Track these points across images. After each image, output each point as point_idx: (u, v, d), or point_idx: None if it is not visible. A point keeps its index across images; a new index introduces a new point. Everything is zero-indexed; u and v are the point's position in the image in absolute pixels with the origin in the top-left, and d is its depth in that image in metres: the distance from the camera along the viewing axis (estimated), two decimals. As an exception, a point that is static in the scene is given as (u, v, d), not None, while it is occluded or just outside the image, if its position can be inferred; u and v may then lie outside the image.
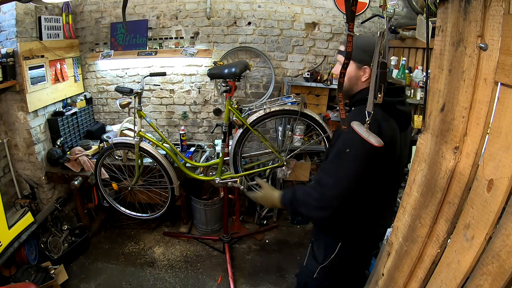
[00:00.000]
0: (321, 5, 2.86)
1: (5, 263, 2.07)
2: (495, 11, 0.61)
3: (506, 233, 0.59)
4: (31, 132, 2.49)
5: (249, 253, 2.78)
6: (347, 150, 1.17)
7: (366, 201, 1.26)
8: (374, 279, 1.17)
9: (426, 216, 0.85)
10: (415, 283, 0.89)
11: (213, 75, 2.20)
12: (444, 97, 0.78)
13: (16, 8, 2.25)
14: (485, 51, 0.64)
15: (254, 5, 2.87)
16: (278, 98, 2.10)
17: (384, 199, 1.35)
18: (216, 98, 3.12)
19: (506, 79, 0.59)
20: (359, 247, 1.40)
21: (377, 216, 1.36)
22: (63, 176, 2.63)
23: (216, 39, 2.96)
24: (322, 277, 1.42)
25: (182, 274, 2.52)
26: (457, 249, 0.72)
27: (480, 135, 0.67)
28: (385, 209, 1.40)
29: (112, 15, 2.94)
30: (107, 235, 2.97)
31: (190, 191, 2.96)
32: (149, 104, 3.18)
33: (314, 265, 1.43)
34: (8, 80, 2.27)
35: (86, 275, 2.47)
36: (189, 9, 2.89)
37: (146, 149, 2.26)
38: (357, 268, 1.52)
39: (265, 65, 3.02)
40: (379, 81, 0.91)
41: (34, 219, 2.30)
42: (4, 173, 2.49)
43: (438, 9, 0.78)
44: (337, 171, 1.19)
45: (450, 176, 0.75)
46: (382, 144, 0.93)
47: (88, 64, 3.09)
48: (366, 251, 1.48)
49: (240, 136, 2.10)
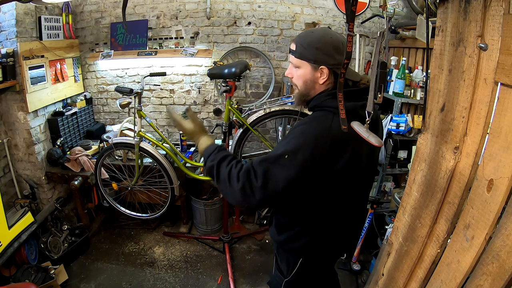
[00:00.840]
0: (321, 5, 2.86)
1: (5, 263, 2.07)
2: (495, 11, 0.61)
3: (506, 233, 0.59)
4: (31, 132, 2.49)
5: (249, 253, 2.78)
6: (286, 156, 1.02)
7: (321, 213, 1.17)
8: (374, 279, 1.17)
9: (426, 216, 0.85)
10: (415, 283, 0.89)
11: (213, 75, 2.20)
12: (444, 97, 0.78)
13: (16, 8, 2.25)
14: (485, 51, 0.64)
15: (254, 5, 2.87)
16: (278, 98, 2.10)
17: (342, 213, 1.22)
18: (216, 98, 3.12)
19: (506, 79, 0.59)
20: (320, 263, 1.35)
21: (336, 233, 1.25)
22: (63, 176, 2.63)
23: (216, 39, 2.96)
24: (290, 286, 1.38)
25: (182, 274, 2.52)
26: (457, 249, 0.72)
27: (480, 135, 0.67)
28: (345, 225, 1.26)
29: (112, 15, 2.94)
30: (107, 235, 2.97)
31: (190, 191, 2.96)
32: (149, 104, 3.18)
33: (279, 278, 1.39)
34: (8, 80, 2.27)
35: (86, 275, 2.47)
36: (189, 9, 2.89)
37: (146, 149, 2.26)
38: (322, 283, 1.46)
39: (265, 65, 3.02)
40: (379, 81, 0.91)
41: (34, 219, 2.30)
42: (4, 173, 2.49)
43: (438, 9, 0.78)
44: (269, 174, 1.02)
45: (450, 176, 0.75)
46: (382, 144, 0.93)
47: (88, 64, 3.09)
48: (328, 267, 1.45)
49: (240, 136, 2.10)
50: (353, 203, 1.24)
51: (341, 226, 1.25)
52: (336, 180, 1.08)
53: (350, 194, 1.18)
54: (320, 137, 1.01)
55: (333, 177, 1.07)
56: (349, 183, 1.13)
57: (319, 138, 1.01)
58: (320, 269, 1.38)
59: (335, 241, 1.27)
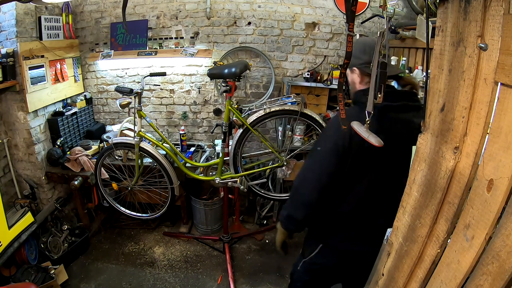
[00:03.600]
0: (321, 5, 2.86)
1: (5, 263, 2.07)
2: (495, 11, 0.61)
3: (506, 233, 0.59)
4: (31, 132, 2.49)
5: (249, 253, 2.78)
6: (318, 148, 1.25)
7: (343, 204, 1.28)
8: (374, 279, 1.16)
9: (426, 216, 0.85)
10: (415, 283, 0.89)
11: (213, 75, 2.20)
12: (444, 97, 0.78)
13: (16, 8, 2.25)
14: (485, 51, 0.64)
15: (254, 5, 2.87)
16: (278, 98, 2.10)
17: (364, 210, 1.28)
18: (216, 98, 3.12)
19: (506, 79, 0.58)
20: (338, 257, 1.38)
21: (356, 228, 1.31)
22: (63, 176, 2.63)
23: (216, 39, 2.96)
24: (303, 271, 1.49)
25: (182, 274, 2.52)
26: (457, 249, 0.72)
27: (480, 135, 0.67)
28: (367, 222, 1.30)
29: (112, 15, 2.94)
30: (107, 235, 2.97)
31: (190, 191, 2.96)
32: (149, 104, 3.18)
33: (300, 258, 1.51)
34: (8, 80, 2.27)
35: (86, 275, 2.47)
36: (189, 9, 2.89)
37: (146, 149, 2.26)
38: (333, 279, 1.53)
39: (265, 65, 3.02)
40: (379, 81, 0.91)
41: (34, 219, 2.30)
42: (4, 173, 2.49)
43: (438, 9, 0.78)
44: (308, 168, 1.28)
45: (450, 176, 0.75)
46: (382, 144, 0.93)
47: (88, 64, 3.09)
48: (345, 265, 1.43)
49: (240, 136, 2.10)
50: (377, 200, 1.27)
51: (363, 221, 1.30)
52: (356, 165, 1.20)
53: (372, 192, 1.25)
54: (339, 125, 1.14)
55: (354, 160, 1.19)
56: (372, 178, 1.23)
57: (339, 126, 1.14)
58: (336, 264, 1.41)
59: (355, 237, 1.32)
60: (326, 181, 1.23)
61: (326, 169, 1.22)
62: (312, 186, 1.25)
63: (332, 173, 1.22)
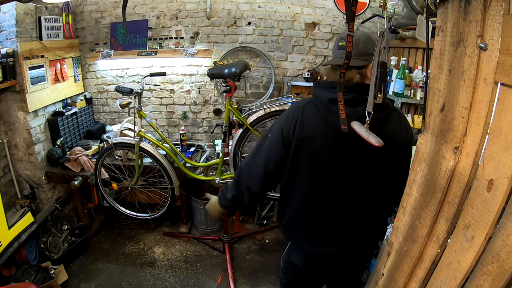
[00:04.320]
0: (321, 5, 2.86)
1: (5, 263, 2.07)
2: (495, 11, 0.61)
3: (506, 233, 0.59)
4: (31, 132, 2.49)
5: (249, 253, 2.78)
6: (269, 134, 1.24)
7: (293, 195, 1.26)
8: (374, 279, 1.16)
9: (426, 216, 0.85)
10: (415, 283, 0.89)
11: (213, 75, 2.20)
12: (444, 97, 0.78)
13: (16, 8, 2.25)
14: (485, 51, 0.64)
15: (254, 5, 2.87)
16: (278, 98, 2.10)
17: (315, 210, 1.24)
18: (216, 98, 3.12)
19: (506, 79, 0.58)
20: (309, 258, 1.35)
21: (316, 227, 1.27)
22: (63, 176, 2.63)
23: (216, 39, 2.96)
24: (283, 269, 1.50)
25: (182, 274, 2.52)
26: (457, 249, 0.72)
27: (480, 135, 0.67)
28: (328, 223, 1.25)
29: (112, 15, 2.94)
30: (107, 235, 2.97)
31: (190, 191, 2.96)
32: (149, 104, 3.18)
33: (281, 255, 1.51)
34: (8, 80, 2.27)
35: (86, 275, 2.47)
36: (189, 9, 2.89)
37: (146, 149, 2.27)
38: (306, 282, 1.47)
39: (265, 65, 3.02)
40: (379, 81, 0.91)
41: (34, 219, 2.30)
42: (4, 173, 2.49)
43: (438, 9, 0.78)
44: (255, 154, 1.28)
45: (450, 176, 0.75)
46: (382, 144, 0.93)
47: (88, 64, 3.09)
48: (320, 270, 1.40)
49: (240, 136, 2.10)
50: (337, 201, 1.21)
51: (322, 224, 1.26)
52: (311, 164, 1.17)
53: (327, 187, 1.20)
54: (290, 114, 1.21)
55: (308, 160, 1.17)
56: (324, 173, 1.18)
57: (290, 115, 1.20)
58: (304, 264, 1.38)
59: (316, 238, 1.29)
60: (271, 169, 1.22)
61: (272, 156, 1.22)
62: (257, 172, 1.24)
63: (278, 162, 1.21)
